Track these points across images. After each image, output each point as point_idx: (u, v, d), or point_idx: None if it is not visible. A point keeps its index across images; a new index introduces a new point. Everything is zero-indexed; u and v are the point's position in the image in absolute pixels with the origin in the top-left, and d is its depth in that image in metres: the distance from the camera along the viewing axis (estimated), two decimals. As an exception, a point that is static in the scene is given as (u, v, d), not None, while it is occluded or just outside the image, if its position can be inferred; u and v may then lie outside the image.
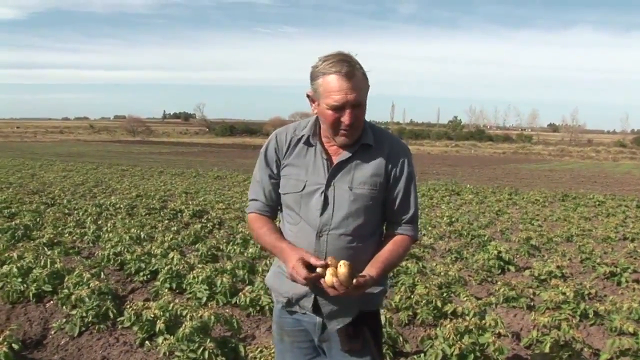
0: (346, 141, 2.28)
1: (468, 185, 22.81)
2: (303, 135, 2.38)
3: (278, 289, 2.45)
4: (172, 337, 4.32)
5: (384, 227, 2.48)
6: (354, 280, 2.12)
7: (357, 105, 2.19)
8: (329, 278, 2.12)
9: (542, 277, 7.11)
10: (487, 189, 21.50)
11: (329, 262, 2.15)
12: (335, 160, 2.32)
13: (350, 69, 2.15)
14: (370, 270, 2.23)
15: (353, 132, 2.26)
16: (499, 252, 7.96)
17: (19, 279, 6.02)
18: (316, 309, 2.37)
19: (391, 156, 2.34)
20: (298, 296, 2.36)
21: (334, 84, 2.15)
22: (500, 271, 7.69)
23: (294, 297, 2.37)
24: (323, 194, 2.30)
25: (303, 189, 2.33)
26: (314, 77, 2.22)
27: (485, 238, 9.72)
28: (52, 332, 5.06)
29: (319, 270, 2.13)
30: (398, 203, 2.38)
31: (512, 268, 7.79)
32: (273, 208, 2.47)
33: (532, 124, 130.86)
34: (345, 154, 2.31)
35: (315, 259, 2.17)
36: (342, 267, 2.11)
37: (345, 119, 2.19)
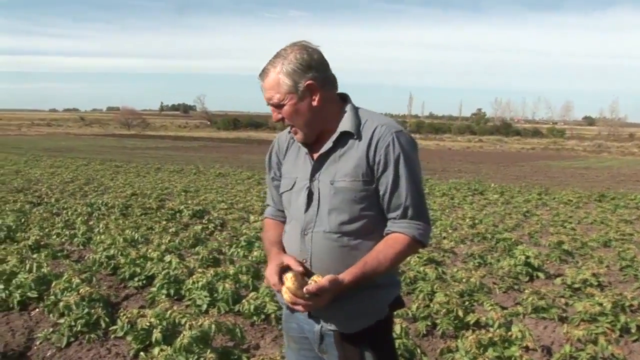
0: (296, 138, 2.40)
1: (493, 184, 22.74)
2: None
3: None
4: (169, 347, 4.33)
5: None
6: (304, 289, 2.13)
7: (273, 105, 2.31)
8: (285, 296, 2.18)
9: (576, 286, 7.06)
10: (514, 189, 21.42)
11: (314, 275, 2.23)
12: (318, 153, 2.37)
13: (266, 68, 2.29)
14: (347, 271, 2.21)
15: (297, 130, 2.35)
16: (527, 257, 7.92)
17: (1, 285, 6.07)
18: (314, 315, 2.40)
19: (374, 140, 2.27)
20: None
21: None
22: (528, 278, 7.66)
23: None
24: (307, 189, 2.35)
25: (293, 186, 2.42)
26: None
27: (512, 242, 9.66)
28: (37, 343, 5.07)
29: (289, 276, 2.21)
30: (388, 195, 2.29)
31: (541, 275, 7.75)
32: (283, 211, 2.58)
33: (565, 117, 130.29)
34: (326, 146, 2.33)
35: (294, 262, 2.27)
36: (287, 281, 2.16)
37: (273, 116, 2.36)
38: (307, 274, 2.26)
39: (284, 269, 2.25)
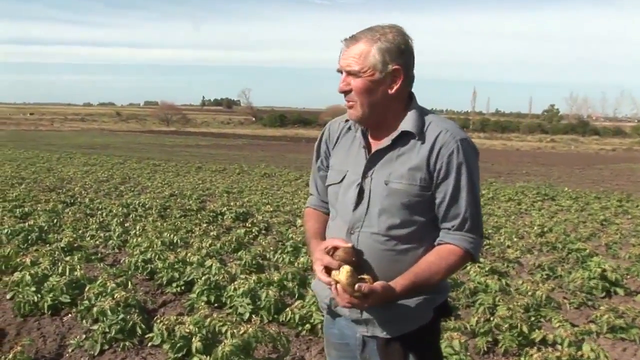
0: (349, 113, 2.40)
1: (566, 189, 22.35)
2: (349, 121, 2.51)
3: (320, 293, 2.56)
4: (208, 357, 4.41)
5: None
6: (356, 286, 2.15)
7: (349, 72, 2.31)
8: (334, 282, 2.22)
9: (661, 304, 6.91)
10: (590, 194, 21.01)
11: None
12: (374, 149, 2.40)
13: (358, 35, 2.31)
14: (397, 280, 2.25)
15: (355, 106, 2.35)
16: (604, 270, 7.78)
17: (33, 288, 6.20)
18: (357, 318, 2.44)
19: (437, 146, 2.31)
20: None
21: None
22: (604, 294, 7.52)
23: (333, 302, 2.44)
24: (359, 186, 2.39)
25: (342, 179, 2.46)
26: None
27: (586, 253, 9.51)
28: (70, 350, 5.21)
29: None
30: (445, 204, 2.34)
31: (620, 291, 7.61)
32: (327, 203, 2.62)
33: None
34: (385, 142, 2.37)
35: (341, 240, 2.32)
36: (340, 273, 2.19)
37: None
38: (356, 268, 2.30)
39: (332, 251, 2.31)
